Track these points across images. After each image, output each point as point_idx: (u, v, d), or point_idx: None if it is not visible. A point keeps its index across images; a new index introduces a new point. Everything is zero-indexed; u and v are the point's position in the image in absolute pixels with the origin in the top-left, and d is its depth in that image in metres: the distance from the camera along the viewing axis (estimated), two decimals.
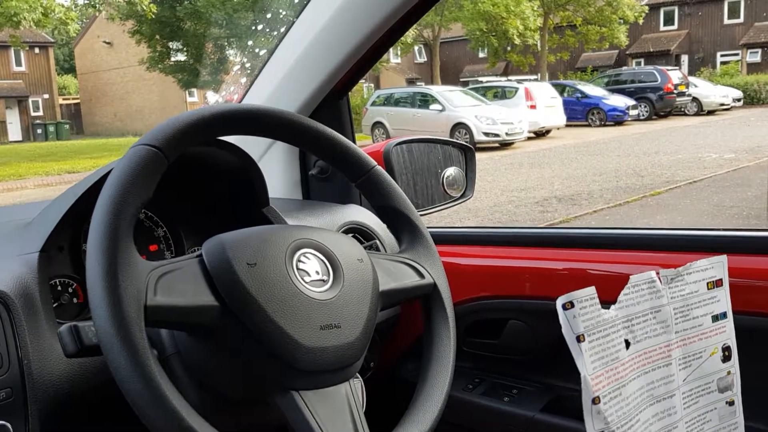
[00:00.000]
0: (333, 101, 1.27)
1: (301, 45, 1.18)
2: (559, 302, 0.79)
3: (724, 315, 0.91)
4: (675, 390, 0.88)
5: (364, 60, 1.18)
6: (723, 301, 0.91)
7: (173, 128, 0.72)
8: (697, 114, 20.12)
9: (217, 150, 0.95)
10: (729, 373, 0.91)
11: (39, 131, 28.92)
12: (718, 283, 0.91)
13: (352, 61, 1.17)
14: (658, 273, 0.87)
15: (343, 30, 1.13)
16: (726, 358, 0.91)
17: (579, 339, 0.80)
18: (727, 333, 0.91)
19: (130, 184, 0.67)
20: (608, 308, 0.84)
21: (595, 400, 0.80)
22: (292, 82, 1.22)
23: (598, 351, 0.81)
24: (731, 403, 0.91)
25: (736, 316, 0.90)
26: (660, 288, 0.87)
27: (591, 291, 0.81)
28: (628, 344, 0.85)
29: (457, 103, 15.19)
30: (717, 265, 0.91)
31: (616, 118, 18.54)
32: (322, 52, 1.17)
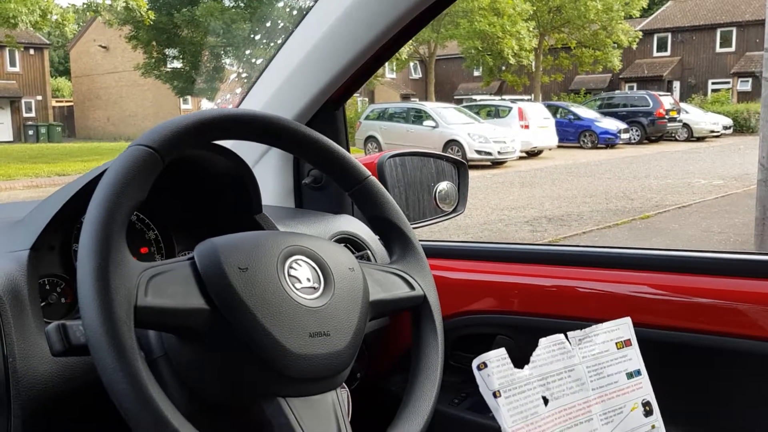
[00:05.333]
0: (329, 111, 1.27)
1: (300, 54, 1.19)
2: (474, 363, 0.84)
3: (638, 372, 0.93)
4: None
5: (361, 71, 1.19)
6: (635, 359, 0.94)
7: (170, 130, 0.72)
8: (687, 140, 20.32)
9: (212, 154, 0.95)
10: (653, 426, 0.93)
11: (30, 132, 28.74)
12: (627, 343, 0.94)
13: (349, 72, 1.17)
14: (566, 334, 0.91)
15: (341, 41, 1.14)
16: (648, 413, 0.93)
17: (495, 395, 0.84)
18: (644, 389, 0.93)
19: (125, 184, 0.67)
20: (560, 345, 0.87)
21: None
22: (290, 90, 1.22)
23: (516, 406, 0.85)
24: None
25: (685, 334, 0.92)
26: (569, 349, 0.91)
27: (501, 352, 0.86)
28: (546, 401, 0.88)
29: (450, 120, 15.27)
30: (623, 327, 0.94)
31: (608, 141, 18.67)
32: (319, 62, 1.18)
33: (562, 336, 0.91)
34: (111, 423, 0.72)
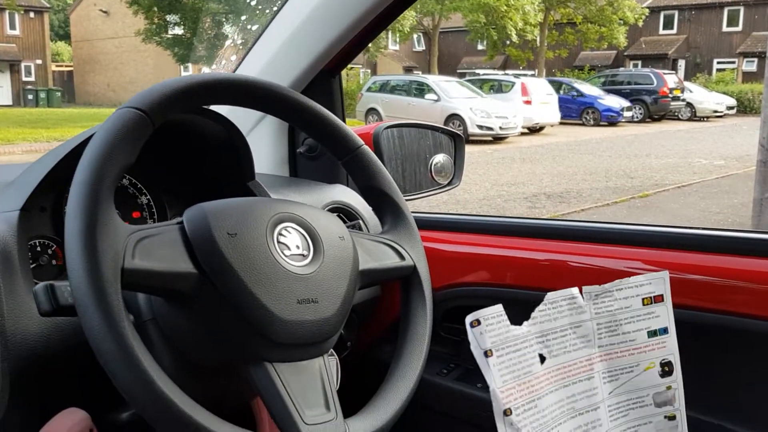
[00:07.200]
0: (325, 79, 1.27)
1: (296, 20, 1.18)
2: (467, 320, 0.82)
3: (664, 330, 0.90)
4: (599, 403, 0.88)
5: (358, 40, 1.18)
6: (663, 316, 0.90)
7: (161, 93, 0.72)
8: (690, 119, 20.23)
9: (206, 120, 0.94)
10: (669, 387, 0.90)
11: (30, 97, 28.54)
12: (657, 299, 0.90)
13: (345, 40, 1.16)
14: (581, 289, 0.88)
15: (337, 8, 1.13)
16: (666, 373, 0.90)
17: (486, 354, 0.82)
18: (667, 348, 0.90)
19: (114, 146, 0.67)
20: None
21: (507, 412, 0.83)
22: (285, 57, 1.21)
23: (509, 365, 0.83)
24: (671, 418, 0.91)
25: (677, 310, 0.90)
26: (582, 304, 0.88)
27: (498, 309, 0.83)
28: (543, 359, 0.86)
29: (452, 94, 15.17)
30: (656, 281, 0.90)
31: (610, 119, 18.59)
32: (316, 29, 1.17)
33: (574, 290, 0.87)
34: (100, 383, 0.72)
